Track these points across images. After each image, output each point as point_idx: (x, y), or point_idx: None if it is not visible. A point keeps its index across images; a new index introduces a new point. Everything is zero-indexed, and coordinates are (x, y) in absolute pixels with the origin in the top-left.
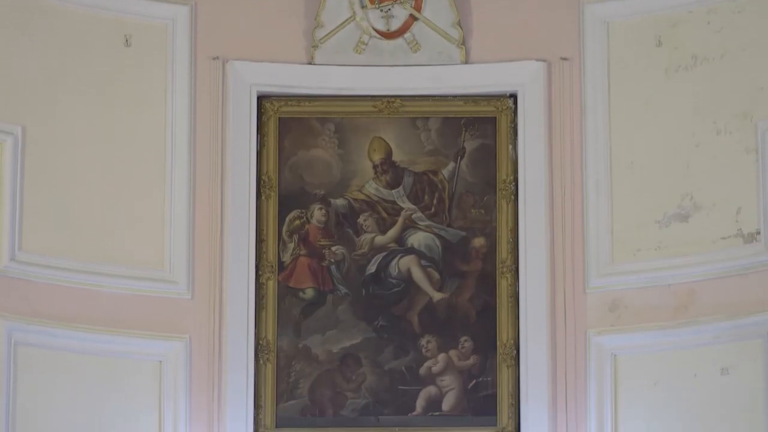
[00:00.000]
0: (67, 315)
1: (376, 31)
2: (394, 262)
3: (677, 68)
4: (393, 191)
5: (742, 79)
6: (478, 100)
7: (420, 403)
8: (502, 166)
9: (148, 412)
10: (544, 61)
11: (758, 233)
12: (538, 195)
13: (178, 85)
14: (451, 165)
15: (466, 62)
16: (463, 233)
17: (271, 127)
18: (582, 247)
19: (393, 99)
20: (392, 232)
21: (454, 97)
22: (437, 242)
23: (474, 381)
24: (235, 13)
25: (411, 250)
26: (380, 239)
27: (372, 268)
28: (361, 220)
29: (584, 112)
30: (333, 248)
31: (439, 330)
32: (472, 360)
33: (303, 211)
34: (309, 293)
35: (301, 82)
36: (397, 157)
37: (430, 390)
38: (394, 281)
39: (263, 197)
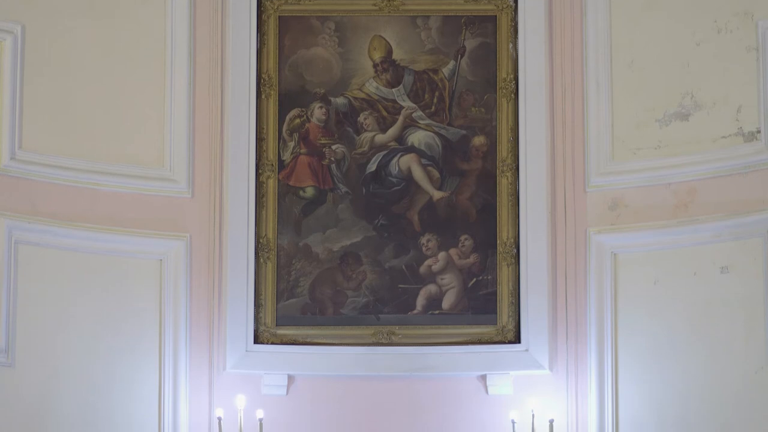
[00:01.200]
0: (67, 214)
1: None
2: (394, 160)
3: None
4: (393, 90)
5: None
6: None
7: (420, 302)
8: (503, 64)
9: (149, 311)
10: None
11: (758, 132)
12: (538, 94)
13: None
14: (452, 64)
15: None
16: (464, 132)
17: (271, 26)
18: (582, 146)
19: None
20: (392, 131)
21: None
22: (437, 141)
23: (474, 279)
24: None
25: (411, 149)
26: (380, 138)
27: (372, 167)
28: (361, 118)
29: (585, 11)
30: (333, 147)
31: (439, 229)
32: (472, 258)
33: (303, 109)
34: (309, 192)
35: None
36: (398, 55)
37: (431, 288)
38: (394, 180)
39: (263, 96)
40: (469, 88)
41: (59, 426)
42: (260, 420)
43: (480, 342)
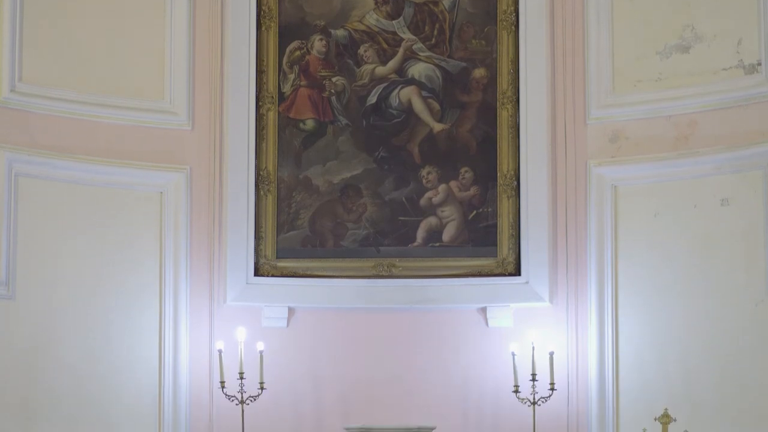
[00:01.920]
0: (67, 146)
1: None
2: (394, 93)
3: None
4: (393, 22)
5: None
6: None
7: (420, 234)
8: None
9: (149, 243)
10: None
11: (759, 64)
12: (538, 26)
13: None
14: None
15: None
16: (464, 64)
17: None
18: (582, 78)
19: None
20: (393, 63)
21: None
22: (438, 73)
23: (474, 212)
24: None
25: (411, 81)
26: (381, 70)
27: (372, 99)
28: (361, 50)
29: None
30: (333, 79)
31: (439, 161)
32: (472, 191)
33: (303, 42)
34: (309, 124)
35: None
36: None
37: (431, 221)
38: (394, 112)
39: (263, 28)
40: (469, 20)
41: (59, 358)
42: (261, 352)
43: (480, 274)
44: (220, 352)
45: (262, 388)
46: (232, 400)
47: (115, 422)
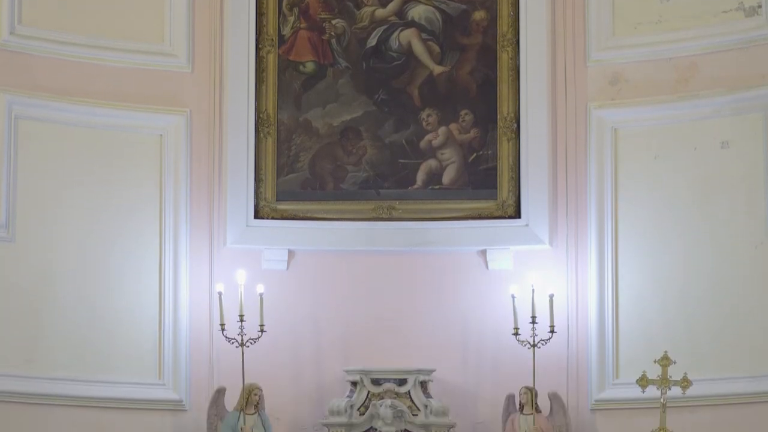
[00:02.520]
0: (67, 89)
1: None
2: (394, 35)
3: None
4: None
5: None
6: None
7: (420, 177)
8: None
9: (149, 186)
10: None
11: (759, 7)
12: None
13: None
14: None
15: None
16: (464, 6)
17: None
18: (582, 20)
19: None
20: (392, 5)
21: None
22: (437, 15)
23: (474, 154)
24: None
25: (411, 23)
26: (380, 12)
27: (372, 42)
28: None
29: None
30: (333, 21)
31: (439, 103)
32: (472, 133)
33: None
34: (309, 67)
35: None
36: None
37: (431, 163)
38: (394, 54)
39: None
40: None
41: (59, 300)
42: (261, 295)
43: (480, 217)
44: (220, 294)
45: (262, 331)
46: (232, 343)
47: (116, 364)
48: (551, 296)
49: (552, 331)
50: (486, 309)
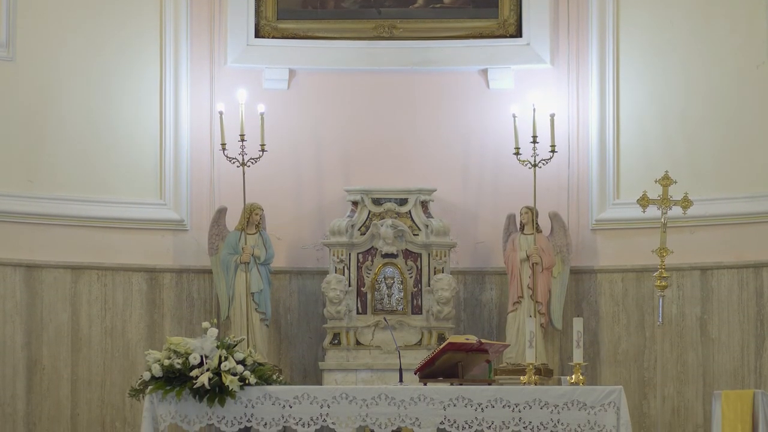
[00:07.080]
0: None
1: None
2: None
3: None
4: None
5: None
6: None
7: None
8: None
9: (150, 3)
10: None
11: None
12: None
13: None
14: None
15: None
16: None
17: None
18: None
19: None
20: None
21: None
22: None
23: None
24: None
25: None
26: None
27: None
28: None
29: None
30: None
31: None
32: None
33: None
34: None
35: None
36: None
37: None
38: None
39: None
40: None
41: (60, 120)
42: (261, 114)
43: (481, 36)
44: (220, 113)
45: (262, 151)
46: (233, 162)
47: (117, 184)
48: (552, 116)
49: (553, 151)
50: (487, 129)
